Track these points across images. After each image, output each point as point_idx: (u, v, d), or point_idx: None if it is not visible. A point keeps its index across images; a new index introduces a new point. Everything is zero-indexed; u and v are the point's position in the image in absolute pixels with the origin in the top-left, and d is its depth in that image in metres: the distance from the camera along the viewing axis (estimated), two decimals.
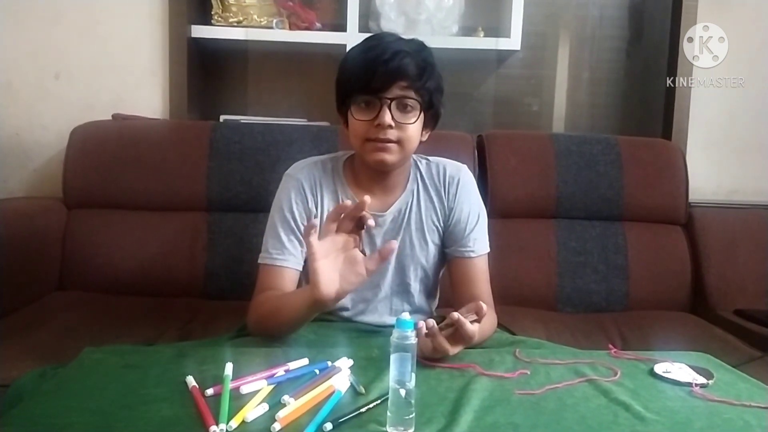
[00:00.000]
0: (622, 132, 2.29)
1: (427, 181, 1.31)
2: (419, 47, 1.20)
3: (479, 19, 2.23)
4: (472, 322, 0.98)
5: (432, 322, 0.96)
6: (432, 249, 1.31)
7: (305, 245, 1.00)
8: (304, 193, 1.26)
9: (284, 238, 1.23)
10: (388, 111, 1.15)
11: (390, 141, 1.17)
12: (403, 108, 1.17)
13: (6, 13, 2.02)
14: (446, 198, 1.30)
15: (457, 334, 0.98)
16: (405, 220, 1.29)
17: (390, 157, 1.19)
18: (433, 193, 1.31)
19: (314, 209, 1.26)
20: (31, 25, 2.04)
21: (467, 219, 1.30)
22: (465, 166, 1.35)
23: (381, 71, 1.14)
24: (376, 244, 1.28)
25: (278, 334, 1.14)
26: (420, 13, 2.11)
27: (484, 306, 0.99)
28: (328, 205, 1.27)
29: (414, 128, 1.19)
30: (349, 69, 1.20)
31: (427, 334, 0.96)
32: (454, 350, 0.99)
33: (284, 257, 1.22)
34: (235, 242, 1.85)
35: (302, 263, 1.25)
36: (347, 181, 1.29)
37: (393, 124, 1.16)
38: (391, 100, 1.16)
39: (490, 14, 2.26)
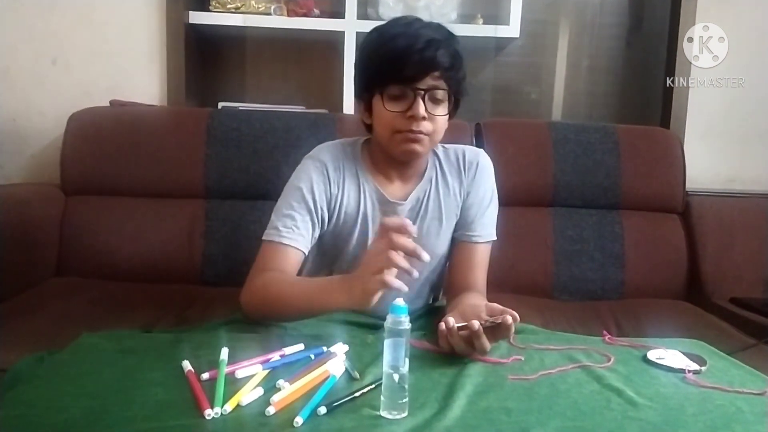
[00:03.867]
0: (620, 120, 2.29)
1: (445, 167, 1.30)
2: (448, 35, 1.16)
3: (478, 6, 2.22)
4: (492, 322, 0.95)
5: (476, 323, 0.92)
6: (447, 237, 1.30)
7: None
8: (327, 175, 1.23)
9: (298, 217, 1.19)
10: (422, 103, 1.13)
11: (422, 133, 1.15)
12: (434, 99, 1.15)
13: None
14: (466, 180, 1.30)
15: (495, 331, 0.95)
16: (423, 208, 1.28)
17: (420, 149, 1.18)
18: (453, 179, 1.30)
19: (336, 191, 1.24)
20: (28, 11, 2.03)
21: (480, 203, 1.30)
22: (482, 151, 1.34)
23: (415, 60, 1.10)
24: None
25: (277, 320, 1.13)
26: None
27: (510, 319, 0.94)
28: (348, 189, 1.25)
29: (444, 119, 1.18)
30: (377, 56, 1.15)
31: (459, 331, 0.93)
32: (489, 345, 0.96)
33: (294, 237, 1.18)
34: (232, 229, 1.85)
35: (309, 246, 1.22)
36: (366, 167, 1.27)
37: (426, 116, 1.13)
38: (425, 91, 1.13)
39: (489, 1, 2.25)
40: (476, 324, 0.92)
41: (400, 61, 1.11)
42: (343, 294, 0.99)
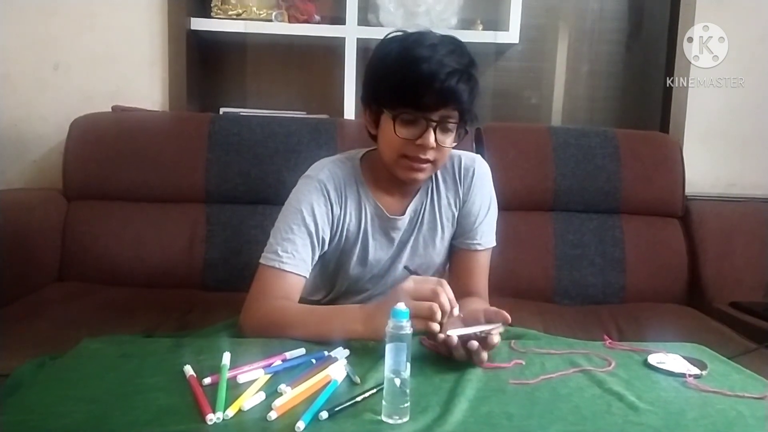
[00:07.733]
0: (620, 125, 2.30)
1: (440, 177, 1.29)
2: (468, 62, 1.13)
3: (478, 12, 2.23)
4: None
5: (475, 344, 0.93)
6: (444, 246, 1.30)
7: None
8: (327, 196, 1.20)
9: (298, 241, 1.17)
10: (432, 133, 1.11)
11: (428, 161, 1.15)
12: (445, 129, 1.13)
13: (4, 4, 2.02)
14: (462, 189, 1.28)
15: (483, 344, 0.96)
16: (419, 220, 1.28)
17: (423, 176, 1.18)
18: (449, 187, 1.29)
19: (338, 211, 1.22)
20: (30, 16, 2.04)
21: (478, 211, 1.29)
22: (479, 156, 1.33)
23: (434, 90, 1.08)
24: (393, 243, 1.28)
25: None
26: (419, 5, 2.11)
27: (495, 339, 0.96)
28: (350, 208, 1.24)
29: (450, 148, 1.17)
30: (397, 77, 1.11)
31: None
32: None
33: (294, 262, 1.16)
34: (233, 234, 1.85)
35: (310, 270, 1.20)
36: (366, 182, 1.26)
37: (435, 146, 1.12)
38: (437, 122, 1.11)
39: (489, 7, 2.26)
40: (475, 344, 0.92)
41: (420, 89, 1.09)
42: (359, 324, 1.00)
